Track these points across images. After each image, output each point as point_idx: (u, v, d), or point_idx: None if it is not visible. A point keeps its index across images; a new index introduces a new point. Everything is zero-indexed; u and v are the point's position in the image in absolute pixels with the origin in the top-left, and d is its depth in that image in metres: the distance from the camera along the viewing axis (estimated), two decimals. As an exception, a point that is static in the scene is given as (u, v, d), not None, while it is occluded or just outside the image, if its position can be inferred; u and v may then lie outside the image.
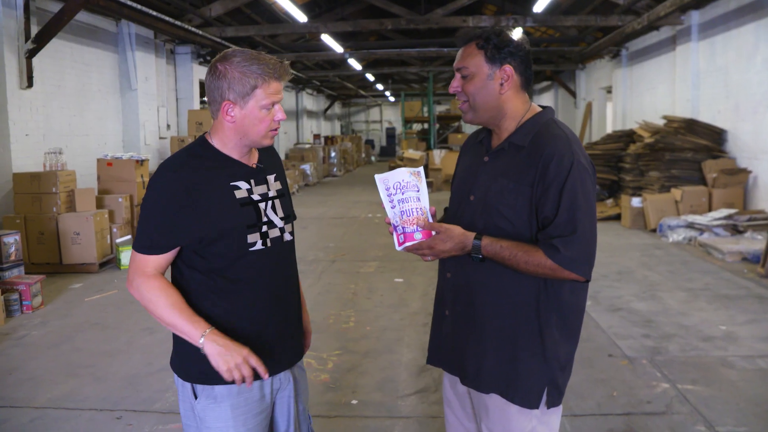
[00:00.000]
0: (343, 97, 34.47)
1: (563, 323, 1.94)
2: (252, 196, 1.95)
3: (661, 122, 11.30)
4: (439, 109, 28.93)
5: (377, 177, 1.97)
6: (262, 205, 1.96)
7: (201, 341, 1.82)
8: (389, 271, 7.46)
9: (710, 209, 9.45)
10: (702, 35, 11.04)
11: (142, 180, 8.64)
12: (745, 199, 9.60)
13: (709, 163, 9.79)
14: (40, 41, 8.09)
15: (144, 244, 1.90)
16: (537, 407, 1.93)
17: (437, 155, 18.17)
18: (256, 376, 1.88)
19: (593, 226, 1.87)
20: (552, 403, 1.95)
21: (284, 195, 2.07)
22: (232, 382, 1.83)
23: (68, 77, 9.42)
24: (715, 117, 10.58)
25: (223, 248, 1.90)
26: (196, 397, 1.93)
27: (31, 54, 8.07)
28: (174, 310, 1.86)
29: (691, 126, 10.38)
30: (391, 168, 15.11)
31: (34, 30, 8.15)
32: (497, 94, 1.94)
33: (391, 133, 36.51)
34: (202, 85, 14.21)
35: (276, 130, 1.94)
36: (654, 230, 9.58)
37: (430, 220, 1.94)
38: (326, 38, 14.64)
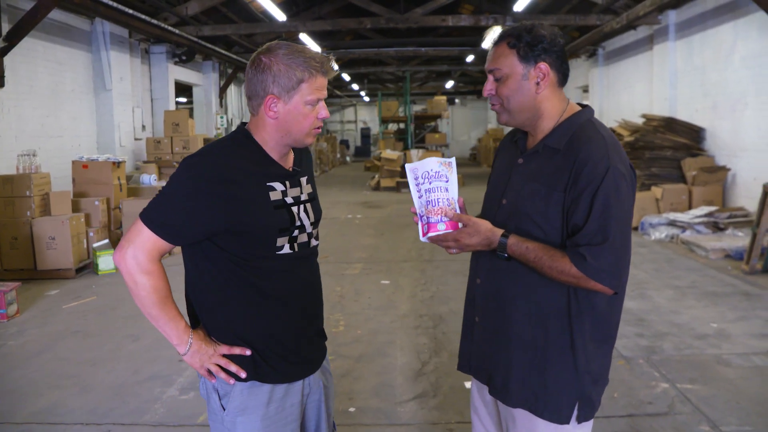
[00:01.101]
0: (318, 97, 34.20)
1: (598, 336, 1.85)
2: (286, 198, 1.85)
3: (639, 121, 11.37)
4: (416, 108, 28.87)
5: (407, 165, 1.89)
6: (294, 209, 1.87)
7: (188, 344, 1.83)
8: (375, 272, 7.37)
9: (690, 207, 9.52)
10: (679, 34, 11.12)
11: (119, 182, 8.42)
12: (724, 197, 9.68)
13: (689, 161, 9.86)
14: (12, 40, 7.84)
15: (159, 221, 1.75)
16: (567, 422, 1.84)
17: (415, 155, 18.09)
18: (279, 378, 1.87)
19: (626, 236, 1.76)
20: (584, 418, 1.86)
21: (315, 198, 1.99)
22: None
23: (41, 77, 9.14)
24: (692, 115, 10.66)
25: (249, 249, 1.80)
26: (224, 409, 1.85)
27: (2, 53, 7.81)
28: (166, 306, 1.80)
29: (670, 124, 10.45)
30: (367, 168, 14.95)
31: (6, 28, 7.90)
32: (533, 95, 1.84)
33: (366, 133, 36.28)
34: (177, 85, 13.98)
35: (319, 128, 1.85)
36: (636, 228, 9.61)
37: (458, 212, 1.86)
38: (304, 37, 14.48)
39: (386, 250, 8.73)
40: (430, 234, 1.84)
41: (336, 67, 1.85)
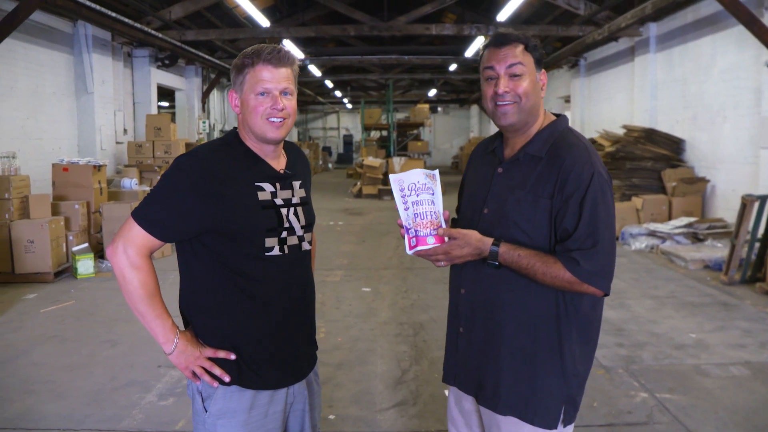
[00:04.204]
0: (301, 104, 34.23)
1: (583, 339, 1.88)
2: (275, 200, 1.87)
3: (620, 131, 11.47)
4: (398, 116, 28.93)
5: (392, 177, 1.89)
6: (284, 211, 1.89)
7: (174, 343, 1.84)
8: (355, 280, 7.35)
9: (670, 217, 9.61)
10: (660, 47, 11.27)
11: (99, 186, 8.33)
12: (703, 208, 9.80)
13: (669, 172, 9.97)
14: (-8, 41, 7.74)
15: (149, 218, 1.80)
16: (555, 427, 1.86)
17: (397, 163, 18.11)
18: (262, 384, 1.87)
19: (613, 240, 1.81)
20: (568, 421, 1.89)
21: (307, 203, 2.01)
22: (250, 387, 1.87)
23: (21, 78, 9.03)
24: (673, 127, 10.78)
25: (237, 249, 1.82)
26: (206, 411, 1.87)
27: (-18, 54, 7.72)
28: (153, 302, 1.83)
29: (651, 136, 10.56)
30: (349, 175, 14.89)
31: (-15, 29, 7.79)
32: (539, 98, 1.92)
33: (348, 141, 36.28)
34: (159, 89, 13.88)
35: (278, 121, 1.84)
36: (616, 238, 9.67)
37: (443, 225, 1.86)
38: (287, 43, 14.46)
39: (367, 257, 8.72)
40: (418, 248, 1.82)
41: (287, 50, 1.86)
